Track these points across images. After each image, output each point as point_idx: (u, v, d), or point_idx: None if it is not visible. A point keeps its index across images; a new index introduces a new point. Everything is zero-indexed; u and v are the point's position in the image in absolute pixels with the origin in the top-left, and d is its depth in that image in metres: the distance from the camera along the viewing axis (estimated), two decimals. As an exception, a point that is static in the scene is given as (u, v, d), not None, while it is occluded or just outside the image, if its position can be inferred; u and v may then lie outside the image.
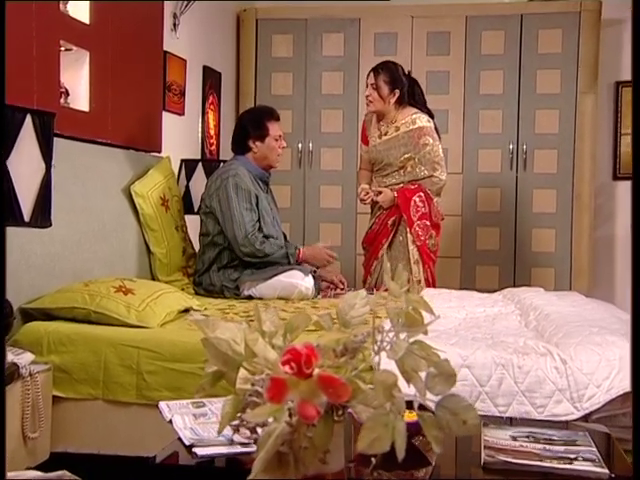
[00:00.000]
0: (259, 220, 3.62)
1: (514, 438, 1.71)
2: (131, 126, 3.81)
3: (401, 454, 0.91)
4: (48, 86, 3.10)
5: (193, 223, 4.04)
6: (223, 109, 5.27)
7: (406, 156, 4.02)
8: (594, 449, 1.65)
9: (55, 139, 3.04)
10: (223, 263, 3.64)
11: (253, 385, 0.98)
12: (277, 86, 5.43)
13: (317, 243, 3.87)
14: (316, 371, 0.94)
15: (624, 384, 2.21)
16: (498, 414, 2.23)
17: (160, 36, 4.14)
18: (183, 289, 3.66)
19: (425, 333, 1.11)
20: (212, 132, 5.13)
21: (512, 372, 2.26)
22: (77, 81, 3.40)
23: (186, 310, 3.10)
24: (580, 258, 5.13)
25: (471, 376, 2.28)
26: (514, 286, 4.55)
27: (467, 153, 5.24)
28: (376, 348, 1.02)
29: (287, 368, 0.92)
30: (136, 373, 2.56)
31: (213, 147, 5.15)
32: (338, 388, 0.92)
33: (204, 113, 5.01)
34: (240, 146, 3.73)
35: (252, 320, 1.18)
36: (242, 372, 1.00)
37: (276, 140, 3.71)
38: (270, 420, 0.96)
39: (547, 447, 1.66)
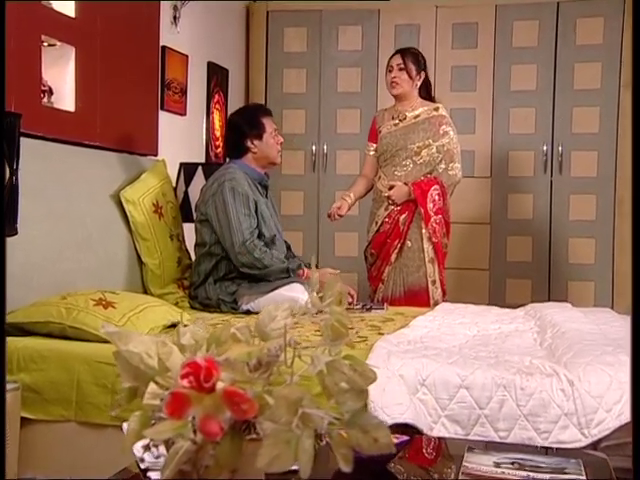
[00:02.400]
0: (259, 225, 3.64)
1: (497, 464, 1.71)
2: (123, 127, 3.87)
3: (305, 474, 0.92)
4: (28, 84, 3.16)
5: (192, 232, 4.07)
6: (230, 109, 5.31)
7: (425, 142, 4.10)
8: (583, 478, 1.65)
9: (36, 141, 3.15)
10: (220, 275, 3.67)
11: (162, 400, 1.00)
12: (289, 83, 5.47)
13: (326, 268, 3.84)
14: (220, 385, 0.96)
15: (637, 408, 2.18)
16: (498, 439, 2.22)
17: (156, 30, 4.20)
18: (177, 303, 3.70)
19: (352, 347, 1.12)
20: (218, 133, 5.18)
21: (514, 394, 2.24)
22: (62, 79, 3.47)
23: (173, 325, 3.13)
24: (623, 271, 5.07)
25: (469, 397, 2.27)
26: (549, 301, 4.51)
27: (496, 155, 5.22)
28: (288, 362, 1.03)
29: (185, 382, 0.94)
30: (111, 392, 2.57)
31: (219, 150, 5.20)
32: (244, 403, 0.93)
33: (209, 113, 5.07)
34: (237, 149, 3.77)
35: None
36: (151, 387, 1.02)
37: (273, 136, 3.76)
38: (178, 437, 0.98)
39: (531, 475, 1.65)
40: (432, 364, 2.36)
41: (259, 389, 1.00)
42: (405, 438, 1.77)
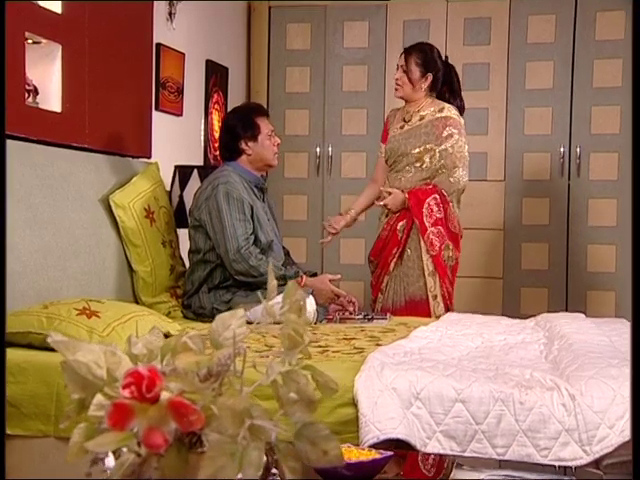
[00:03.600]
0: (255, 230, 3.66)
1: (485, 483, 1.71)
2: (113, 128, 3.89)
3: (250, 488, 0.93)
4: (11, 83, 3.18)
5: (187, 238, 4.09)
6: (230, 109, 5.34)
7: (426, 147, 4.03)
8: (574, 497, 1.65)
9: (20, 143, 3.18)
10: (214, 283, 3.69)
11: (107, 411, 1.01)
12: (292, 82, 5.50)
13: (325, 274, 3.86)
14: (165, 396, 0.97)
15: (642, 424, 2.17)
16: (496, 456, 2.22)
17: (149, 26, 4.21)
18: (169, 312, 3.72)
19: (308, 357, 1.12)
20: (217, 135, 5.20)
21: (513, 408, 2.24)
22: (48, 78, 3.49)
23: (164, 336, 3.14)
24: (646, 280, 5.05)
25: (466, 412, 2.27)
26: (566, 312, 4.50)
27: (510, 157, 5.22)
28: (238, 372, 1.04)
29: (127, 392, 0.95)
30: (92, 407, 2.59)
31: (218, 152, 5.21)
32: (190, 415, 0.94)
33: (207, 114, 5.10)
34: (231, 151, 3.80)
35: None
36: (97, 398, 1.03)
37: (269, 137, 3.77)
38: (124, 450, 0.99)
39: (520, 493, 1.65)
40: (427, 376, 2.36)
41: (209, 400, 1.01)
42: (389, 454, 1.77)
